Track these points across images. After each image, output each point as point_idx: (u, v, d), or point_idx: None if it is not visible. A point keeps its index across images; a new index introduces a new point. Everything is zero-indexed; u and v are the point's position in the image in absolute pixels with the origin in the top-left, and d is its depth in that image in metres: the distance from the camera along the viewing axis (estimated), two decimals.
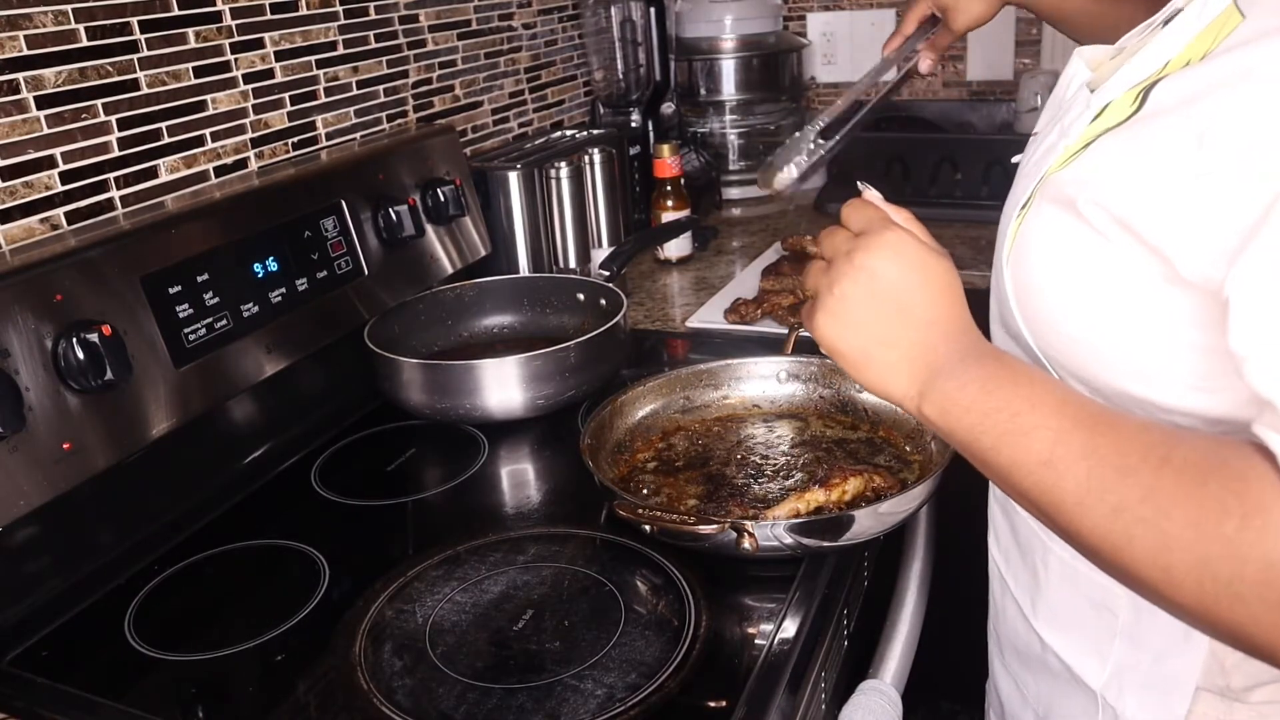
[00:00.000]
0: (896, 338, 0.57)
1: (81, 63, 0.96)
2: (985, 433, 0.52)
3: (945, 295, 0.58)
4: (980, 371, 0.54)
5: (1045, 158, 0.61)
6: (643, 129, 1.74)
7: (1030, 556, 0.72)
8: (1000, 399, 0.52)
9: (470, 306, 1.28)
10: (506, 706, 0.68)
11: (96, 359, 0.82)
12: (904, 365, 0.57)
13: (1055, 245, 0.57)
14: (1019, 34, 1.94)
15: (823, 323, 0.59)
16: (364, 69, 1.31)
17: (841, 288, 0.58)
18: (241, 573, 0.89)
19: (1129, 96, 0.55)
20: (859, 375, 0.59)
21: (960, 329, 0.57)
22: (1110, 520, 0.46)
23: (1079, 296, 0.56)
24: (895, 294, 0.57)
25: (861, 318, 0.58)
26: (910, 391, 0.57)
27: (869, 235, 0.59)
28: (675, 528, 0.79)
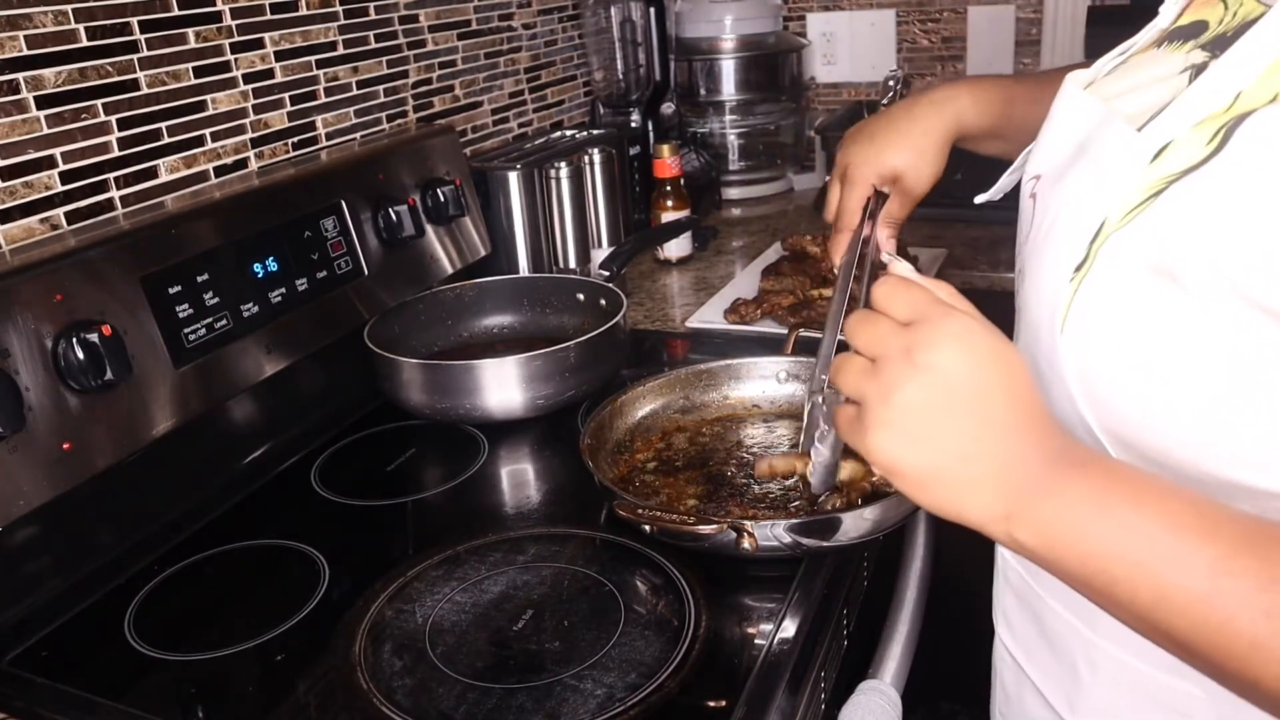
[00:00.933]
0: (978, 449, 0.47)
1: (81, 63, 0.96)
2: (1110, 563, 0.43)
3: (1026, 392, 0.48)
4: (1089, 485, 0.45)
5: (1088, 208, 0.53)
6: (643, 129, 1.74)
7: (1065, 652, 0.64)
8: (1121, 519, 0.43)
9: (470, 306, 1.28)
10: (506, 706, 0.68)
11: (96, 359, 0.82)
12: (988, 482, 0.47)
13: (1138, 316, 0.49)
14: (1019, 34, 1.94)
15: (880, 439, 0.48)
16: (364, 69, 1.31)
17: (903, 395, 0.47)
18: (241, 573, 0.89)
19: (1199, 135, 0.47)
20: (926, 497, 0.49)
21: (1049, 431, 0.47)
22: None
23: (1174, 377, 0.48)
24: (973, 397, 0.46)
25: (932, 429, 0.47)
26: (996, 513, 0.47)
27: (926, 325, 0.47)
28: (675, 528, 0.79)
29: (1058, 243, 0.55)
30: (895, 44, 2.04)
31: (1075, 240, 0.52)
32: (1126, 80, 0.59)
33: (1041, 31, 1.91)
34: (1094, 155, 0.55)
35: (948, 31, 2.00)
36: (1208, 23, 0.55)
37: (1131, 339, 0.49)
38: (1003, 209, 0.92)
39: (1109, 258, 0.50)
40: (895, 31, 2.03)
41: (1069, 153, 0.58)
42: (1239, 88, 0.47)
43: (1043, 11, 1.90)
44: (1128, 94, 0.57)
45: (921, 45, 2.03)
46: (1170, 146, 0.49)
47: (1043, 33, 1.91)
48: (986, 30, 1.96)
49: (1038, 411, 0.48)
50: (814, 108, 2.13)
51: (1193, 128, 0.48)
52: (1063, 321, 0.52)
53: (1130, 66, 0.60)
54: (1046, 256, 0.56)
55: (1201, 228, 0.46)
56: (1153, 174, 0.49)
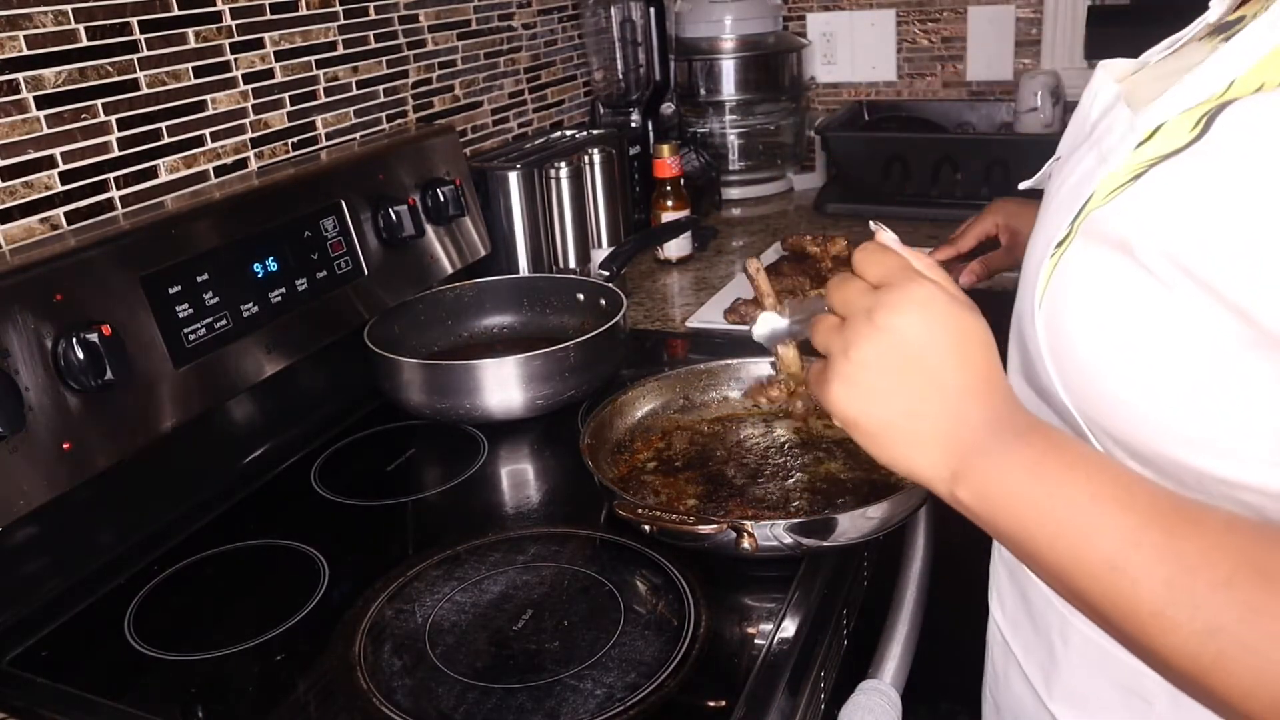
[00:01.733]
0: (925, 409, 0.50)
1: (81, 63, 0.96)
2: (1036, 526, 0.46)
3: (980, 358, 0.50)
4: (1026, 451, 0.47)
5: (1082, 186, 0.54)
6: (643, 129, 1.74)
7: (1045, 629, 0.66)
8: (1053, 486, 0.46)
9: (470, 306, 1.28)
10: (506, 706, 0.68)
11: (96, 359, 0.82)
12: (934, 441, 0.50)
13: (1103, 293, 0.50)
14: (1019, 34, 1.94)
15: (837, 392, 0.52)
16: (364, 69, 1.31)
17: (860, 351, 0.50)
18: (241, 573, 0.89)
19: (1185, 120, 0.48)
20: (879, 451, 0.52)
21: (999, 398, 0.50)
22: (1200, 642, 0.40)
23: (1131, 354, 0.49)
24: (924, 359, 0.49)
25: (884, 386, 0.50)
26: (940, 472, 0.49)
27: (891, 289, 0.50)
28: (675, 528, 0.79)
29: (1050, 219, 0.57)
30: (895, 44, 2.04)
31: (1063, 217, 0.54)
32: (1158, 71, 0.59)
33: (1041, 31, 1.91)
34: (1097, 135, 0.56)
35: (948, 31, 2.00)
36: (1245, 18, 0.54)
37: (1094, 314, 0.51)
38: None
39: (1085, 234, 0.52)
40: (895, 31, 2.03)
41: (1082, 135, 0.60)
42: (1233, 76, 0.47)
43: (1043, 11, 1.90)
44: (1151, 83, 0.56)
45: (921, 45, 2.03)
46: (1160, 130, 0.50)
47: (1043, 33, 1.91)
48: (986, 30, 1.96)
49: (989, 378, 0.50)
50: (814, 108, 2.13)
51: (1183, 113, 0.49)
52: (1040, 295, 0.54)
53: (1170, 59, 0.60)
54: (1039, 233, 0.58)
55: (1164, 207, 0.47)
56: (1140, 156, 0.50)
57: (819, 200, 1.86)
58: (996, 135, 1.91)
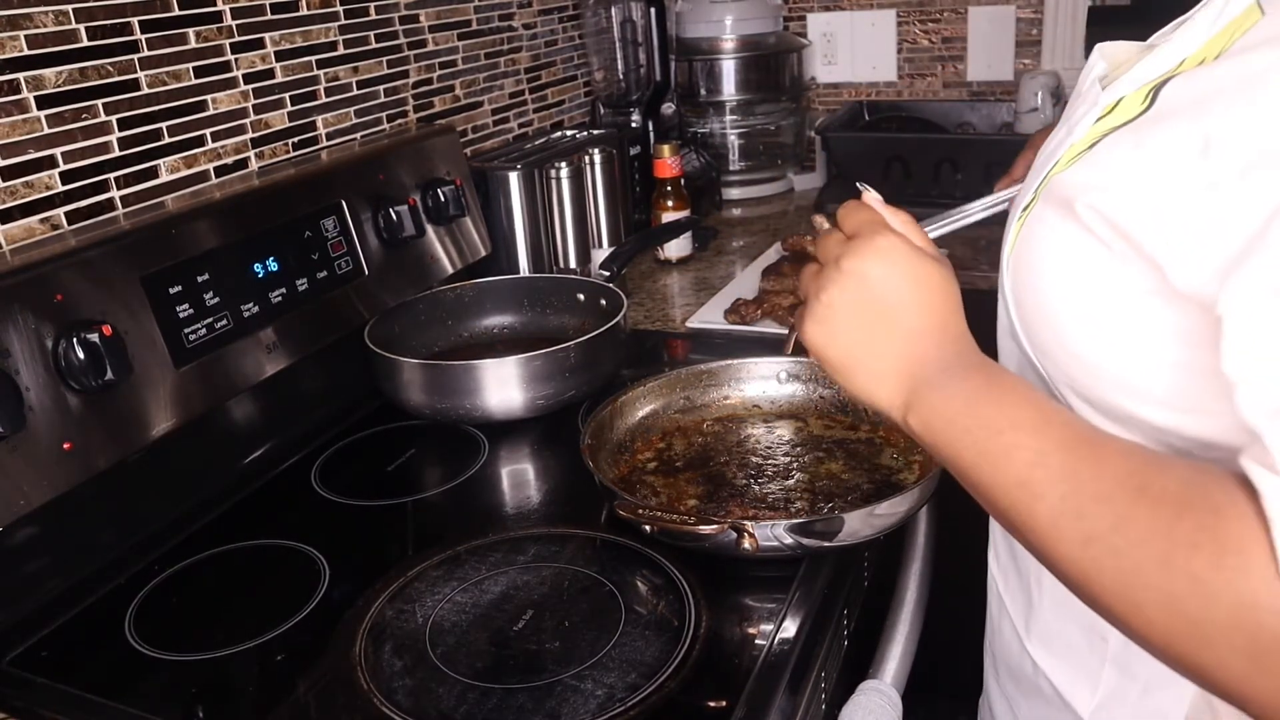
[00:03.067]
0: (884, 348, 0.56)
1: (82, 63, 0.96)
2: (966, 449, 0.51)
3: (938, 303, 0.56)
4: (966, 385, 0.53)
5: (1052, 157, 0.58)
6: (643, 129, 1.74)
7: (1025, 576, 0.70)
8: (982, 414, 0.51)
9: (470, 306, 1.28)
10: (506, 706, 0.68)
11: (96, 359, 0.82)
12: (890, 375, 0.56)
13: (1054, 250, 0.55)
14: (1019, 34, 1.94)
15: (810, 329, 0.59)
16: (364, 69, 1.31)
17: (829, 294, 0.57)
18: (241, 573, 0.89)
19: (1140, 94, 0.52)
20: (845, 382, 0.59)
21: (952, 338, 0.55)
22: (1081, 549, 0.44)
23: (1075, 305, 0.54)
24: (883, 302, 0.56)
25: (848, 325, 0.57)
26: (895, 401, 0.56)
27: (860, 240, 0.57)
28: (675, 528, 0.79)
29: (1025, 187, 0.61)
30: (895, 44, 2.04)
31: (1031, 184, 0.59)
32: None
33: (1042, 31, 1.91)
34: (1069, 112, 0.60)
35: (948, 31, 2.00)
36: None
37: (1051, 274, 0.55)
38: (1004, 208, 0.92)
39: (1044, 197, 0.56)
40: (895, 31, 2.03)
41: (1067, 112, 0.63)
42: (1184, 53, 0.51)
43: (1043, 11, 1.90)
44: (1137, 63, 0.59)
45: (922, 45, 2.03)
46: (1122, 103, 0.54)
47: (1043, 33, 1.91)
48: (987, 30, 1.96)
49: (944, 322, 0.56)
50: (814, 108, 2.13)
51: (1139, 87, 0.52)
52: (1008, 256, 0.59)
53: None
54: (1015, 200, 0.62)
55: (1105, 169, 0.51)
56: (1100, 128, 0.54)
57: (819, 200, 1.86)
58: (997, 136, 1.91)
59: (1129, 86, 0.54)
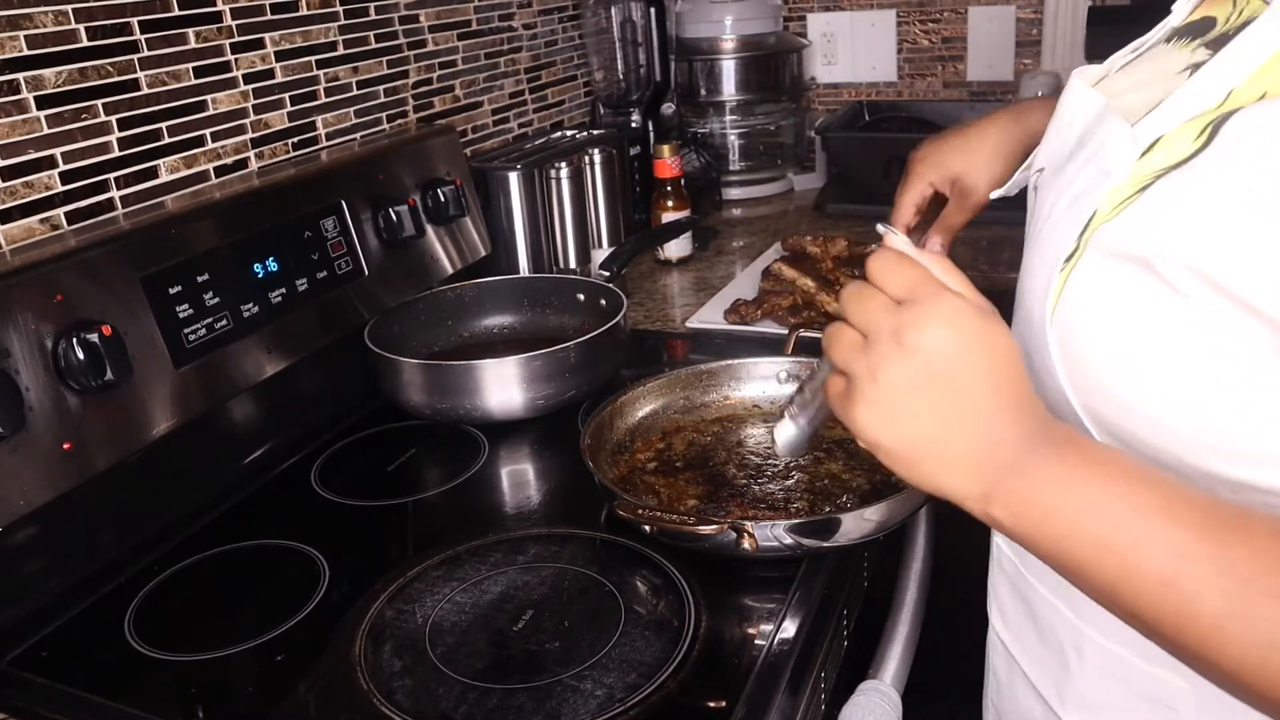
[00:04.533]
0: (958, 430, 0.48)
1: (82, 63, 0.96)
2: (1079, 544, 0.44)
3: (1010, 373, 0.48)
4: (1061, 467, 0.46)
5: (1084, 200, 0.53)
6: (643, 129, 1.74)
7: (1054, 639, 0.65)
8: (1090, 501, 0.44)
9: (470, 307, 1.28)
10: (506, 706, 0.68)
11: (96, 359, 0.82)
12: (966, 462, 0.48)
13: (1122, 309, 0.49)
14: (1019, 34, 1.94)
15: (865, 415, 0.49)
16: (364, 69, 1.31)
17: (888, 374, 0.48)
18: (241, 573, 0.89)
19: (1187, 131, 0.48)
20: (907, 472, 0.50)
21: (1029, 412, 0.48)
22: (1263, 655, 0.40)
23: (1156, 369, 0.48)
24: (954, 380, 0.47)
25: (914, 409, 0.48)
26: (973, 491, 0.48)
27: (917, 305, 0.48)
28: (675, 528, 0.79)
29: (1052, 233, 0.56)
30: (895, 44, 2.04)
31: (1069, 230, 0.53)
32: (1132, 77, 0.60)
33: (1042, 31, 1.91)
34: (1091, 149, 0.56)
35: (948, 31, 2.00)
36: (1215, 19, 0.55)
37: (1114, 329, 0.50)
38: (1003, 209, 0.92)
39: (1096, 248, 0.51)
40: (895, 31, 2.03)
41: (1070, 146, 0.59)
42: (1231, 85, 0.47)
43: (1043, 11, 1.90)
44: (1130, 91, 0.57)
45: (922, 45, 2.03)
46: (1161, 141, 0.50)
47: (1043, 33, 1.91)
48: (987, 30, 1.96)
49: (1021, 394, 0.48)
50: (814, 108, 2.13)
51: (1184, 124, 0.49)
52: (1052, 311, 0.53)
53: (1139, 63, 0.61)
54: (1042, 247, 0.57)
55: (1181, 221, 0.47)
56: (1143, 168, 0.50)
57: (819, 200, 1.86)
58: None
59: (1168, 123, 0.50)
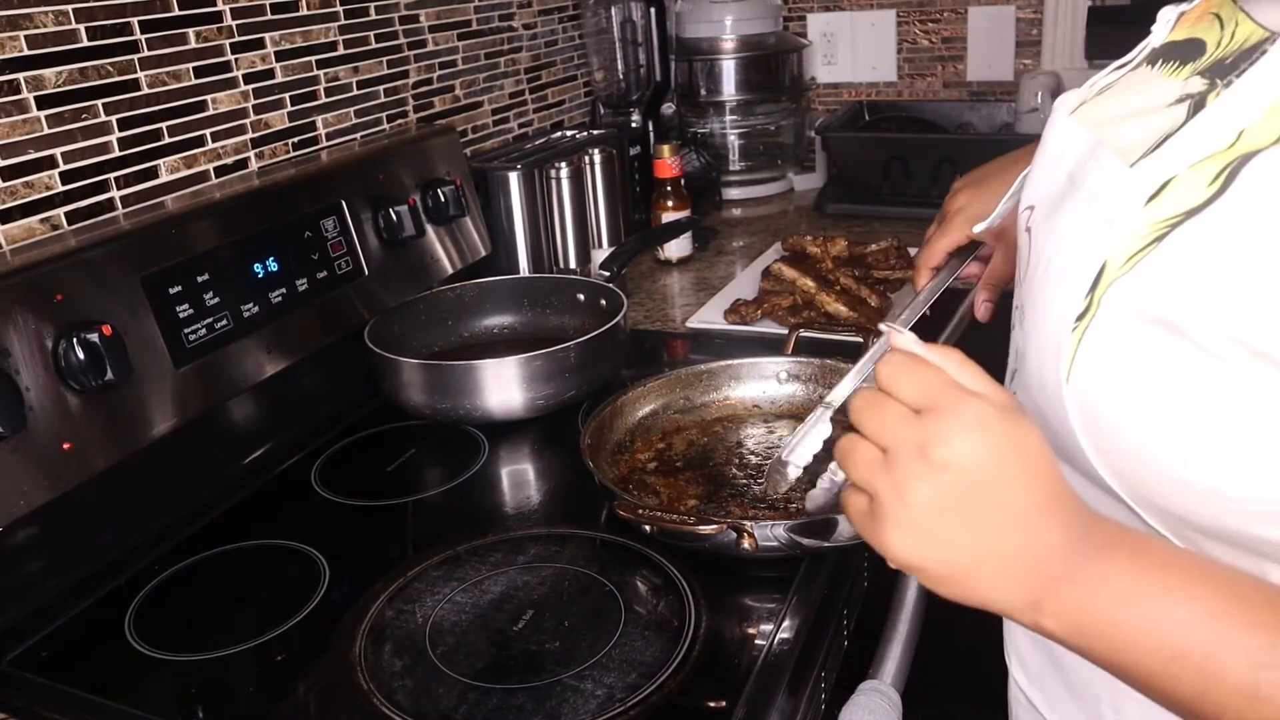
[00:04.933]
0: (1002, 544, 0.44)
1: (82, 63, 0.96)
2: (1146, 655, 0.42)
3: (1044, 473, 0.45)
4: (1114, 569, 0.43)
5: (1090, 252, 0.50)
6: (643, 129, 1.74)
7: (1088, 695, 0.62)
8: (1157, 611, 0.42)
9: (470, 307, 1.28)
10: (506, 706, 0.68)
11: (96, 359, 0.82)
12: (1014, 575, 0.45)
13: (1145, 372, 0.46)
14: (1019, 34, 1.94)
15: (899, 540, 0.45)
16: (364, 69, 1.31)
17: (918, 494, 0.44)
18: (241, 573, 0.89)
19: (1200, 174, 0.45)
20: (953, 592, 0.46)
21: (1071, 512, 0.45)
22: None
23: (1188, 433, 0.45)
24: (991, 491, 0.44)
25: (952, 529, 0.44)
26: (1020, 604, 0.45)
27: (939, 415, 0.44)
28: (675, 528, 0.79)
29: (1057, 287, 0.53)
30: (895, 44, 2.04)
31: (1075, 286, 0.50)
32: (1118, 104, 0.57)
33: (1042, 31, 1.91)
34: (1088, 191, 0.53)
35: (948, 31, 2.00)
36: (1204, 43, 0.53)
37: (1138, 391, 0.47)
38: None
39: (1111, 306, 0.48)
40: (895, 31, 2.03)
41: (1060, 185, 0.56)
42: (1242, 125, 0.45)
43: (1043, 11, 1.90)
44: (1120, 121, 0.55)
45: (922, 45, 2.03)
46: (1170, 186, 0.47)
47: (1043, 33, 1.91)
48: (986, 30, 1.96)
49: (1059, 494, 0.45)
50: (814, 108, 2.13)
51: (1192, 166, 0.46)
52: (1068, 372, 0.50)
53: (1122, 87, 0.58)
54: (1046, 300, 0.54)
55: (1204, 276, 0.44)
56: (1152, 215, 0.47)
57: (819, 200, 1.86)
58: (997, 136, 1.91)
59: (1176, 165, 0.47)
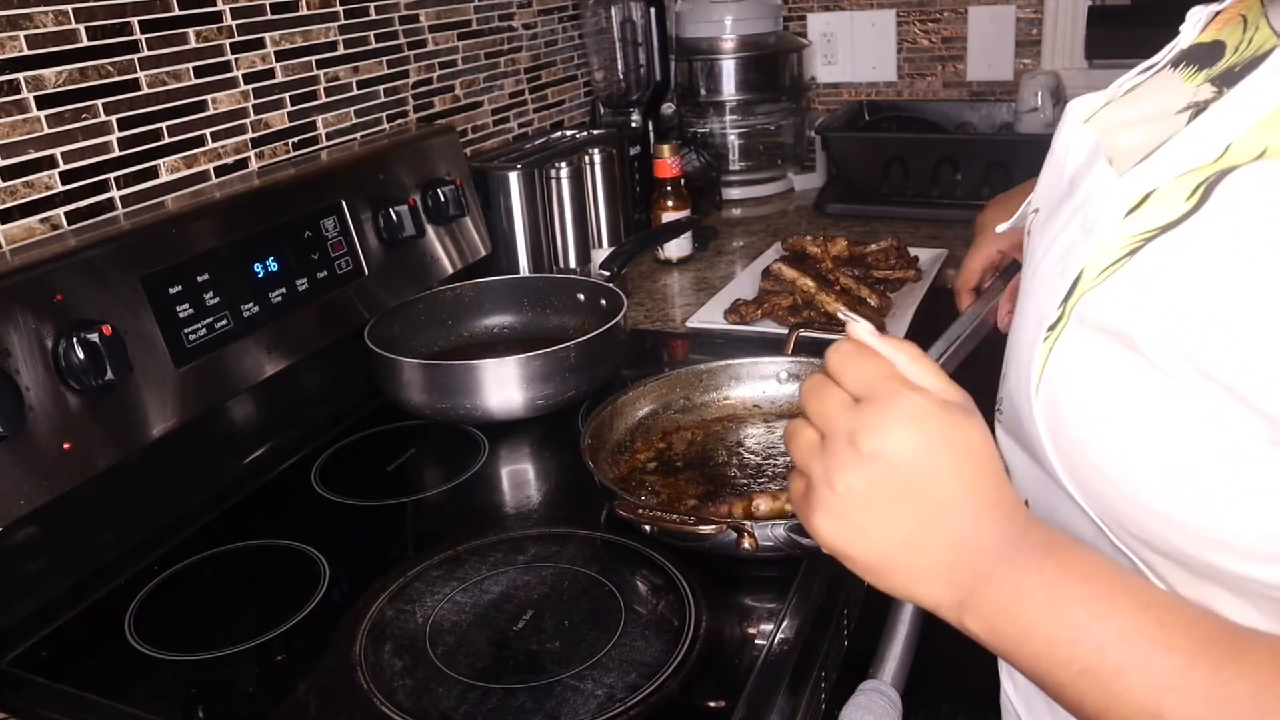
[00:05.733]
0: (928, 539, 0.44)
1: (82, 63, 0.96)
2: (1058, 666, 0.41)
3: (983, 473, 0.44)
4: (1039, 578, 0.42)
5: (1069, 261, 0.49)
6: (643, 129, 1.74)
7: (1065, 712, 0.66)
8: (1073, 623, 0.41)
9: (470, 306, 1.28)
10: (506, 706, 0.68)
11: (96, 359, 0.82)
12: (940, 572, 0.44)
13: (1106, 386, 0.45)
14: (1019, 34, 1.94)
15: (823, 524, 0.45)
16: (364, 69, 1.31)
17: (845, 481, 0.44)
18: (241, 573, 0.89)
19: (1181, 187, 0.44)
20: (880, 583, 0.46)
21: (1007, 515, 0.44)
22: None
23: (1142, 451, 0.44)
24: (921, 485, 0.43)
25: (878, 518, 0.44)
26: (947, 600, 0.45)
27: (874, 406, 0.44)
28: (675, 528, 0.79)
29: (1038, 293, 0.52)
30: (895, 44, 2.04)
31: (1052, 294, 0.49)
32: (1132, 108, 0.56)
33: (1042, 31, 1.91)
34: (1079, 197, 0.52)
35: (948, 31, 2.00)
36: (1225, 47, 0.51)
37: (1098, 407, 0.46)
38: None
39: (1079, 319, 0.47)
40: (895, 31, 2.03)
41: (1061, 189, 0.56)
42: (1230, 138, 0.43)
43: (1043, 11, 1.90)
44: (1126, 127, 0.53)
45: (922, 45, 2.03)
46: (1151, 198, 0.45)
47: (1043, 33, 1.91)
48: (987, 30, 1.96)
49: (996, 494, 0.45)
50: (814, 108, 2.13)
51: (1176, 179, 0.44)
52: (1036, 382, 0.50)
53: (1144, 89, 0.56)
54: (1027, 306, 0.53)
55: (1168, 296, 0.43)
56: (1130, 228, 0.46)
57: (819, 200, 1.86)
58: (997, 136, 1.91)
59: (1160, 177, 0.45)
